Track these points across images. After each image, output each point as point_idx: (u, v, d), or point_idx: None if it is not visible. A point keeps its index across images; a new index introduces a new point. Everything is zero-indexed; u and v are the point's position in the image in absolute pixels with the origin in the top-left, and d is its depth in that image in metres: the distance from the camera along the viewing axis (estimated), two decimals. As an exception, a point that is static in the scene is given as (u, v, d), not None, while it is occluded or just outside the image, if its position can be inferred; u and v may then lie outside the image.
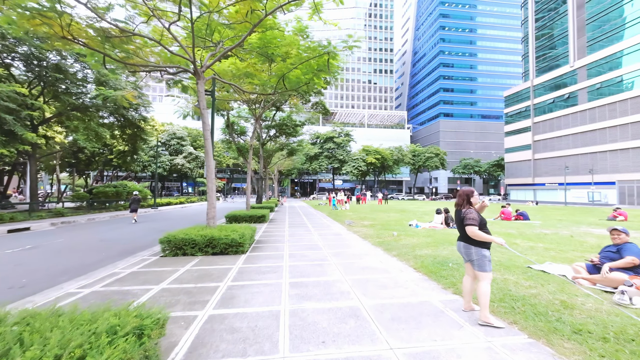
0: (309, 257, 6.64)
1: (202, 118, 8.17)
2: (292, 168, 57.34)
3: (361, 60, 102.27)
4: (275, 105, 21.69)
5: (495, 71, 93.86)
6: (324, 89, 22.04)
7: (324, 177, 79.14)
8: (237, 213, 14.08)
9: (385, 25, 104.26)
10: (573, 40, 47.86)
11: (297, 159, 47.51)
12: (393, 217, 16.30)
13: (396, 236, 8.70)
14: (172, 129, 45.00)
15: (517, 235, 9.26)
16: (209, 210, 8.06)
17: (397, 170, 64.83)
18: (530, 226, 11.91)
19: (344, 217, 16.16)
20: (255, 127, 15.53)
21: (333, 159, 57.28)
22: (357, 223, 13.03)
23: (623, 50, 40.20)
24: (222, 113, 21.45)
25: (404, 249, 7.02)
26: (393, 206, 28.72)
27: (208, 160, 8.11)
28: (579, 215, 19.35)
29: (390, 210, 21.89)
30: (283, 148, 30.43)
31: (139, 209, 19.06)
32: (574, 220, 14.71)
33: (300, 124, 22.97)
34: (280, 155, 36.59)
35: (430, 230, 9.88)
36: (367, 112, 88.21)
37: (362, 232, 10.33)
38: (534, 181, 54.96)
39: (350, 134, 60.27)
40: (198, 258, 6.63)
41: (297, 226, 12.75)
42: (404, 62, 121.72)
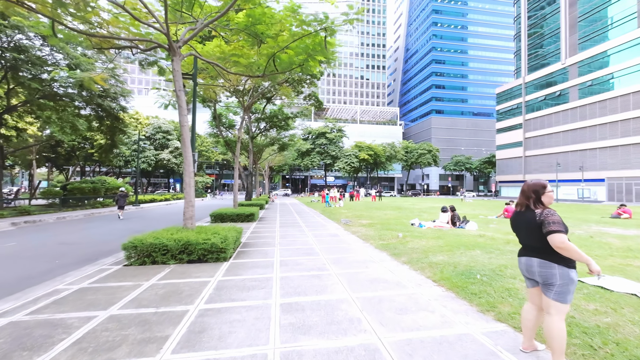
0: (304, 265, 5.59)
1: (178, 101, 6.96)
2: (284, 164, 56.08)
3: (353, 55, 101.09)
4: (265, 97, 20.46)
5: (487, 68, 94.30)
6: (317, 80, 20.93)
7: (316, 173, 78.08)
8: (223, 211, 12.89)
9: (378, 20, 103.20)
10: (565, 38, 47.95)
11: (288, 154, 46.31)
12: (391, 215, 15.40)
13: (401, 238, 7.73)
14: (158, 122, 43.01)
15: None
16: (187, 209, 6.90)
17: (389, 167, 64.35)
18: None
19: (339, 215, 15.16)
20: (243, 118, 14.28)
21: (325, 155, 56.26)
22: (354, 222, 12.04)
23: (613, 48, 40.36)
24: (209, 104, 20.07)
25: (414, 254, 6.05)
26: (387, 203, 27.93)
27: (186, 151, 6.92)
28: (579, 212, 18.92)
29: (385, 208, 21.04)
30: (274, 143, 29.18)
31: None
32: (578, 219, 14.12)
33: (292, 116, 21.76)
34: (271, 151, 35.31)
35: (437, 231, 8.96)
36: (360, 108, 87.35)
37: (362, 232, 9.34)
38: (524, 178, 55.24)
39: (343, 130, 59.31)
40: (170, 267, 5.48)
41: (289, 226, 11.67)
42: (396, 59, 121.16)
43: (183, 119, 6.96)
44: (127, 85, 21.76)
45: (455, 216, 9.91)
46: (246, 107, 14.02)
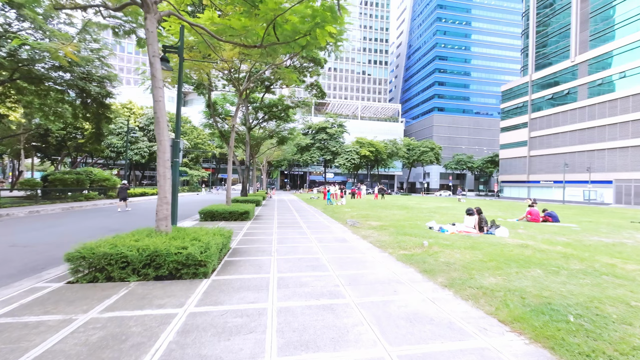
0: (309, 286, 4.16)
1: (152, 69, 5.47)
2: (282, 159, 54.57)
3: (355, 50, 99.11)
4: (263, 83, 18.93)
5: (490, 66, 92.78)
6: (321, 68, 19.39)
7: (315, 169, 76.61)
8: (214, 208, 11.43)
9: (381, 14, 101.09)
10: (575, 35, 46.46)
11: (287, 149, 44.83)
12: (400, 215, 14.01)
13: (427, 247, 6.32)
14: (152, 113, 41.24)
15: (579, 246, 7.06)
16: (160, 208, 5.42)
17: (390, 164, 62.99)
18: (571, 231, 9.81)
19: (342, 215, 13.75)
20: (239, 105, 12.77)
21: (325, 150, 54.77)
22: (362, 223, 10.63)
23: (626, 45, 38.95)
24: (203, 91, 18.51)
25: (453, 273, 4.64)
26: (391, 202, 26.54)
27: (160, 134, 5.45)
28: (602, 216, 17.60)
29: (391, 207, 19.65)
30: (273, 136, 27.65)
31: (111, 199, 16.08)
32: (610, 224, 12.77)
33: (293, 106, 20.24)
34: (270, 144, 33.81)
35: (464, 238, 7.56)
36: (361, 104, 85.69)
37: (374, 237, 7.93)
38: (528, 178, 54.14)
39: (344, 125, 57.77)
40: (128, 287, 4.04)
41: (288, 226, 10.24)
42: (398, 54, 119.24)
43: (157, 92, 5.47)
44: (115, 70, 20.09)
45: (482, 220, 8.52)
46: (242, 90, 12.50)
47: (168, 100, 45.73)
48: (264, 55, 8.51)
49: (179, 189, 34.46)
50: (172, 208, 8.56)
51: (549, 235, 8.57)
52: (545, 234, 8.87)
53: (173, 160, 8.70)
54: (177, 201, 8.52)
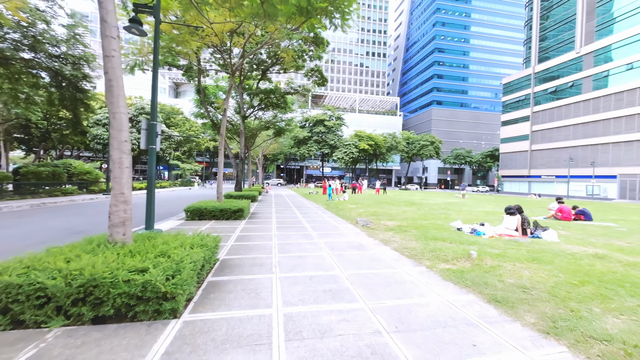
0: (335, 336, 2.64)
1: (101, 11, 3.81)
2: (279, 152, 52.80)
3: (353, 41, 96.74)
4: (259, 66, 17.20)
5: (489, 59, 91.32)
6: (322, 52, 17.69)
7: (312, 163, 74.99)
8: (203, 205, 9.83)
9: (379, 4, 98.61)
10: (581, 25, 45.10)
11: (284, 142, 43.07)
12: (411, 212, 12.56)
13: (476, 258, 4.83)
14: (141, 102, 39.03)
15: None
16: (114, 209, 3.82)
17: (389, 158, 61.65)
18: (621, 233, 8.44)
19: (349, 212, 12.26)
20: (230, 85, 11.06)
21: (323, 143, 53.11)
22: (376, 223, 9.14)
23: (634, 35, 37.72)
24: (190, 74, 16.71)
25: (542, 306, 3.15)
26: (395, 197, 25.15)
27: (112, 102, 3.82)
28: (626, 213, 16.36)
29: (397, 203, 18.21)
30: (269, 127, 25.93)
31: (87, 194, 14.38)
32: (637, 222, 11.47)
33: (293, 92, 18.54)
34: (266, 136, 32.09)
35: (511, 243, 6.10)
36: (359, 97, 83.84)
37: (397, 242, 6.44)
38: (529, 173, 53.25)
39: (342, 118, 56.08)
40: (45, 339, 2.48)
41: (290, 227, 8.71)
42: (396, 47, 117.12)
43: (109, 43, 3.81)
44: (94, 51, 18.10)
45: (525, 220, 7.08)
46: (234, 70, 10.79)
47: (162, 92, 43.21)
48: (260, 16, 6.84)
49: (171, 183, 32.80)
50: (148, 207, 6.97)
51: (603, 238, 7.17)
52: (597, 236, 7.47)
53: (149, 147, 7.09)
54: (153, 197, 6.93)
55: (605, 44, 41.18)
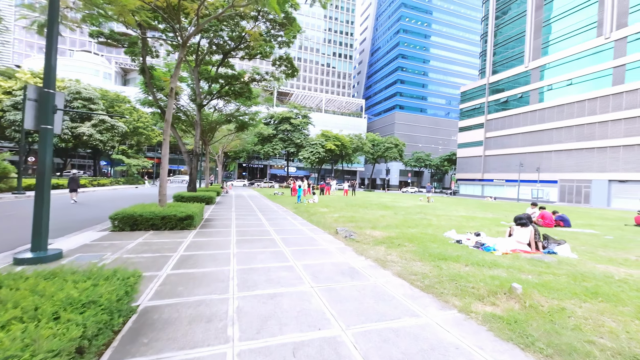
0: None
1: None
2: (241, 150, 49.52)
3: (320, 41, 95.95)
4: (220, 48, 14.88)
5: (446, 69, 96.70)
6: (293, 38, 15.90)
7: (277, 162, 72.34)
8: (139, 211, 7.48)
9: (347, 6, 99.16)
10: (529, 42, 49.03)
11: (247, 138, 40.32)
12: (390, 218, 11.35)
13: (521, 294, 3.48)
14: (77, 86, 33.41)
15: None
16: None
17: (355, 159, 61.55)
18: (610, 242, 7.98)
19: (323, 218, 10.64)
20: (180, 58, 8.77)
21: (289, 142, 51.01)
22: (359, 233, 7.62)
23: (573, 55, 41.80)
24: (135, 50, 13.81)
25: None
26: (364, 199, 24.20)
27: None
28: (584, 216, 17.03)
29: (370, 205, 17.07)
30: (231, 120, 23.37)
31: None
32: (613, 227, 11.57)
33: (259, 78, 16.42)
34: (227, 131, 29.28)
35: (539, 264, 4.95)
36: (325, 97, 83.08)
37: (398, 264, 4.96)
38: (483, 177, 56.72)
39: (309, 117, 54.52)
40: None
41: (255, 240, 6.81)
42: (362, 50, 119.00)
43: None
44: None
45: (536, 232, 6.10)
46: (186, 39, 8.54)
47: (106, 77, 38.08)
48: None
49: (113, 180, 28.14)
50: (37, 216, 4.63)
51: (612, 251, 6.45)
52: (601, 247, 6.77)
53: (41, 128, 4.74)
54: (46, 203, 4.62)
55: (549, 61, 45.13)
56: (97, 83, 48.51)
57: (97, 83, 47.94)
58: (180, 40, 8.71)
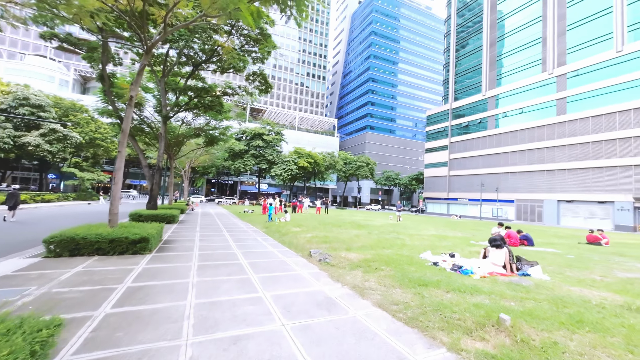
0: None
1: None
2: (210, 165, 47.62)
3: (295, 61, 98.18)
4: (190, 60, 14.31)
5: (413, 94, 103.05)
6: (268, 54, 15.81)
7: (248, 179, 70.50)
8: (82, 233, 6.46)
9: (320, 30, 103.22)
10: (485, 73, 53.90)
11: (217, 153, 38.90)
12: (365, 238, 11.09)
13: (510, 326, 3.24)
14: (24, 92, 30.34)
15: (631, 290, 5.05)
16: None
17: (328, 177, 61.85)
18: (573, 261, 8.33)
19: (295, 239, 10.10)
20: (143, 63, 8.09)
21: (261, 158, 50.08)
22: (334, 256, 7.20)
23: (522, 87, 46.53)
24: (93, 56, 12.77)
25: None
26: (337, 217, 23.93)
27: None
28: (542, 234, 18.07)
29: (343, 224, 16.79)
30: (199, 134, 22.36)
31: None
32: (570, 246, 12.28)
33: (231, 92, 15.89)
34: (195, 145, 28.00)
35: (518, 288, 4.84)
36: (298, 115, 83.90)
37: (377, 292, 4.59)
38: (448, 196, 59.53)
39: (282, 133, 54.32)
40: None
41: (219, 266, 6.10)
42: (335, 72, 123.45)
43: None
44: None
45: (510, 254, 6.10)
46: (151, 45, 7.91)
47: (63, 85, 34.57)
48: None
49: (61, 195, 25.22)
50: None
51: (577, 271, 6.63)
52: (567, 268, 6.96)
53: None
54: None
55: (502, 91, 49.74)
56: (52, 90, 44.68)
57: (51, 90, 44.15)
58: (145, 47, 8.08)
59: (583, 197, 37.84)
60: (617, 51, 34.93)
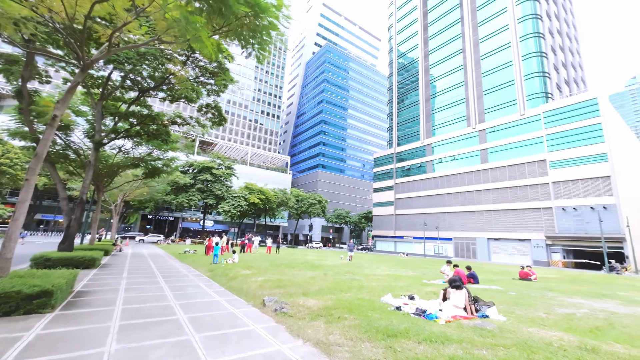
0: None
1: None
2: (148, 199, 42.88)
3: (249, 99, 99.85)
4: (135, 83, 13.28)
5: (361, 137, 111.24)
6: (224, 88, 15.57)
7: (191, 215, 65.00)
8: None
9: (277, 73, 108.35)
10: (422, 124, 61.15)
11: (158, 186, 35.41)
12: (321, 280, 10.47)
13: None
14: None
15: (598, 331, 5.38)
16: None
17: (279, 214, 60.31)
18: (515, 298, 8.83)
19: (246, 283, 9.02)
20: (76, 81, 7.02)
21: (208, 193, 46.98)
22: (291, 303, 6.44)
23: (452, 137, 53.58)
24: (11, 69, 11.00)
25: None
26: (288, 256, 22.76)
27: None
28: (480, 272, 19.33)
29: (296, 265, 15.88)
30: (139, 164, 20.15)
31: None
32: (503, 282, 13.24)
33: (181, 122, 14.85)
34: (133, 176, 25.14)
35: (484, 333, 4.71)
36: (251, 150, 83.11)
37: (345, 348, 4.03)
38: (395, 234, 62.24)
39: (233, 168, 52.51)
40: None
41: (148, 325, 4.89)
42: (289, 112, 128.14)
43: None
44: None
45: (469, 295, 6.11)
46: (89, 63, 6.94)
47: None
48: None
49: None
50: None
51: (524, 309, 6.93)
52: (516, 306, 7.26)
53: None
54: None
55: (437, 140, 56.50)
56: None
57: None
58: (82, 64, 7.14)
59: (507, 235, 42.82)
60: (521, 114, 42.95)
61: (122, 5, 6.80)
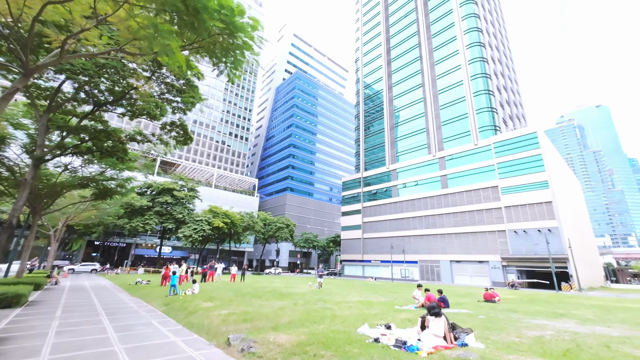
0: None
1: None
2: (97, 223, 38.59)
3: (217, 120, 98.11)
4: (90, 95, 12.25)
5: (328, 161, 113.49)
6: (192, 105, 14.97)
7: (147, 241, 59.59)
8: None
9: (246, 96, 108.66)
10: (388, 150, 64.15)
11: (110, 209, 32.23)
12: (290, 311, 9.77)
13: None
14: None
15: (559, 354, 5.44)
16: None
17: (245, 239, 57.61)
18: (485, 322, 8.90)
19: (207, 318, 8.05)
20: (14, 87, 6.12)
21: (167, 216, 43.66)
22: (261, 342, 5.77)
23: (415, 164, 56.67)
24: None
25: None
26: (254, 284, 21.35)
27: None
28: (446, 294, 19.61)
29: (263, 294, 14.83)
30: (88, 184, 18.17)
31: None
32: (470, 305, 13.49)
33: (141, 140, 13.74)
34: (80, 197, 22.60)
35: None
36: (217, 172, 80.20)
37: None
38: (363, 258, 62.25)
39: (196, 190, 49.85)
40: None
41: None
42: (258, 135, 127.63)
43: None
44: None
45: (448, 322, 5.94)
46: (33, 69, 6.13)
47: None
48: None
49: None
50: None
51: (497, 333, 6.93)
52: (490, 330, 7.25)
53: None
54: None
55: (401, 166, 59.32)
56: None
57: None
58: (25, 70, 6.33)
59: (467, 257, 44.86)
60: (475, 144, 46.93)
61: (80, 12, 6.26)
